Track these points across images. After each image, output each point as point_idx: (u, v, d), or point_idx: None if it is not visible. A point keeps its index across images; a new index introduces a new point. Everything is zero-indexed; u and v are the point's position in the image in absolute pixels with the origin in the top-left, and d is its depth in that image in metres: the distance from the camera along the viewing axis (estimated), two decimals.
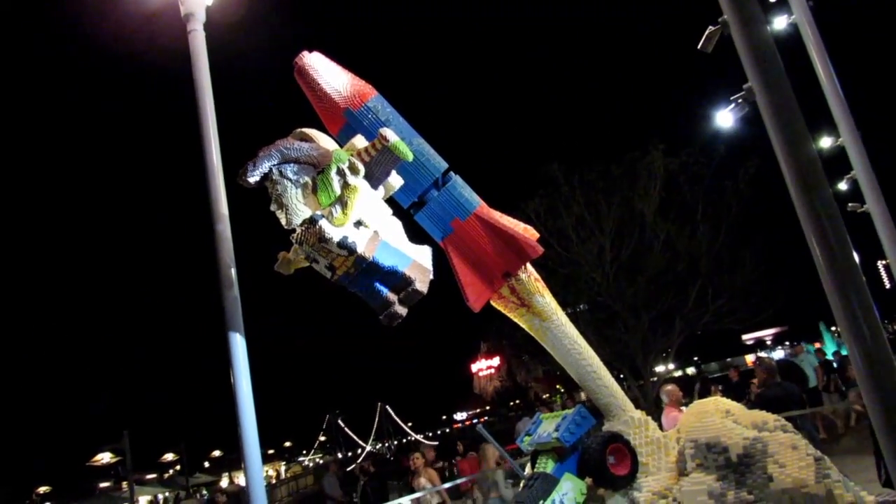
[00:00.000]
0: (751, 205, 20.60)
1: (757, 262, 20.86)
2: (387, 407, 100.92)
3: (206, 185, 6.06)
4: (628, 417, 6.19)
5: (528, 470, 6.23)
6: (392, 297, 5.79)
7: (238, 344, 6.39)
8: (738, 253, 20.54)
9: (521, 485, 5.97)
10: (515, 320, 6.54)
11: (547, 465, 5.91)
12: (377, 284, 5.77)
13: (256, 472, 6.10)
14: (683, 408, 7.84)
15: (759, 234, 21.25)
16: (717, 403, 6.45)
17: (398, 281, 5.74)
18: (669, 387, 8.65)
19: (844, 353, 20.02)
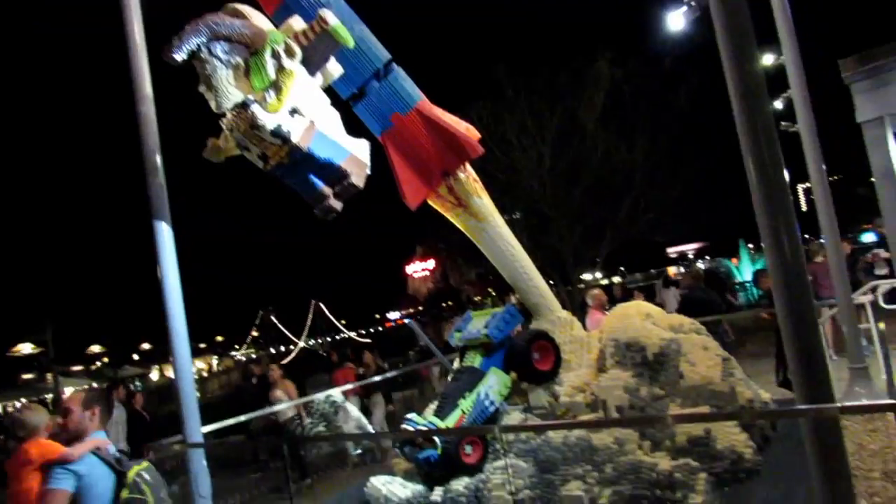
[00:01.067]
0: (689, 122, 20.94)
1: (689, 178, 21.43)
2: (320, 304, 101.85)
3: (128, 63, 5.59)
4: (555, 317, 6.43)
5: (456, 364, 6.45)
6: (327, 190, 5.65)
7: (164, 234, 6.15)
8: (672, 168, 21.04)
9: (449, 378, 6.19)
10: (452, 220, 6.55)
11: (474, 360, 6.12)
12: (312, 177, 5.61)
13: (185, 366, 6.07)
14: (606, 311, 8.20)
15: (694, 152, 21.75)
16: (639, 307, 6.77)
17: (334, 174, 5.60)
18: (595, 291, 9.02)
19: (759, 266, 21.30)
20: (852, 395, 6.59)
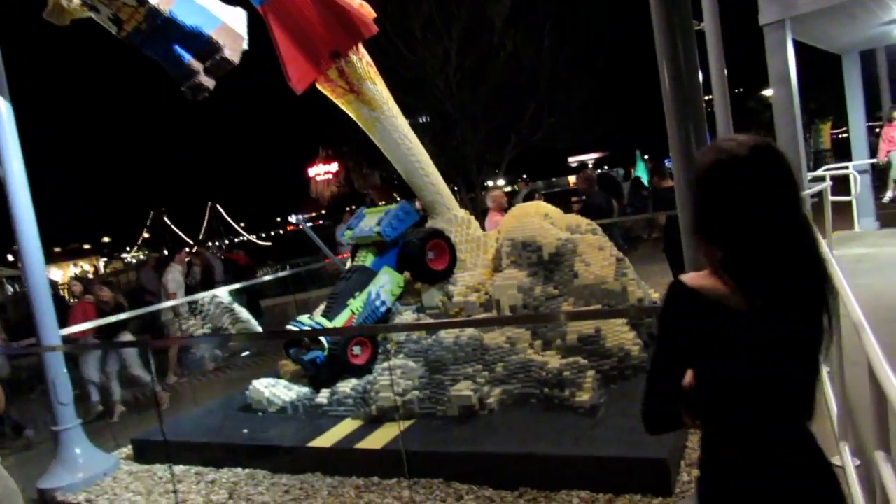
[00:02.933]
0: (597, 26, 20.64)
1: (593, 86, 21.40)
2: (217, 206, 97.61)
3: None
4: (452, 216, 6.16)
5: (348, 264, 6.10)
6: (196, 65, 4.94)
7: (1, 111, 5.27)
8: (578, 74, 20.86)
9: (340, 277, 5.85)
10: (344, 108, 5.99)
11: (366, 259, 5.79)
12: (177, 48, 4.86)
13: (36, 264, 5.37)
14: (506, 213, 8.02)
15: (600, 58, 21.59)
16: (538, 207, 6.60)
17: (203, 46, 4.88)
18: (495, 192, 8.81)
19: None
20: None
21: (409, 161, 5.90)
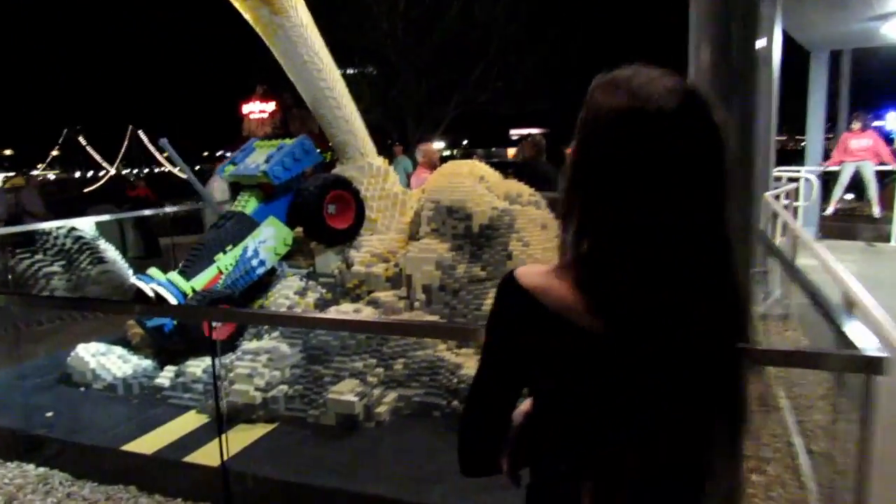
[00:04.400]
0: None
1: (545, 53, 20.36)
2: (139, 132, 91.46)
3: None
4: (365, 164, 4.93)
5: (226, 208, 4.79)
6: None
7: None
8: (531, 38, 19.76)
9: (209, 224, 4.55)
10: (242, 13, 4.59)
11: (247, 205, 4.51)
12: None
13: None
14: None
15: (554, 28, 20.50)
16: (474, 167, 5.45)
17: None
18: (427, 146, 7.59)
19: None
20: None
21: (317, 86, 4.60)
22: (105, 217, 7.33)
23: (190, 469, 3.17)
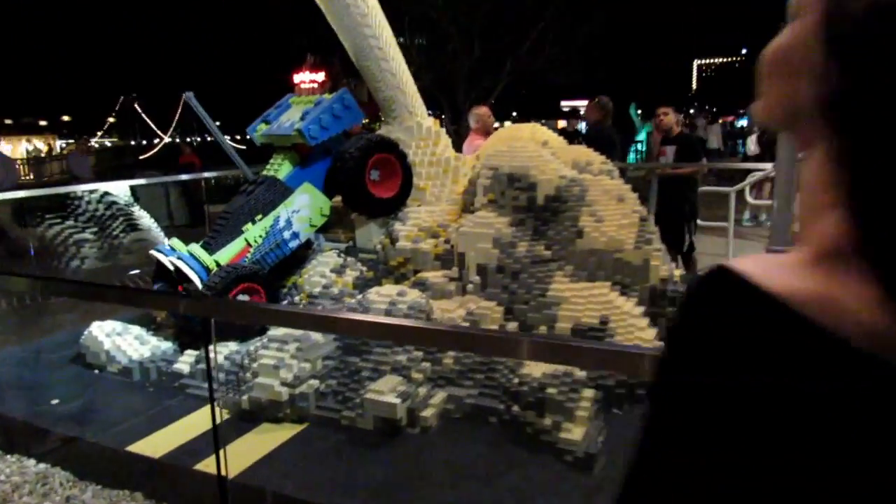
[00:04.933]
0: None
1: (602, 21, 19.29)
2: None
3: None
4: (414, 123, 4.32)
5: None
6: None
7: None
8: (589, 5, 18.67)
9: (239, 190, 4.03)
10: None
11: (280, 169, 3.97)
12: None
13: None
14: None
15: None
16: (535, 130, 4.81)
17: None
18: (482, 109, 6.90)
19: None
20: None
21: (361, 33, 3.99)
22: (140, 181, 6.94)
23: (202, 478, 2.68)
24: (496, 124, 7.25)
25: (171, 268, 3.59)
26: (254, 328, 3.55)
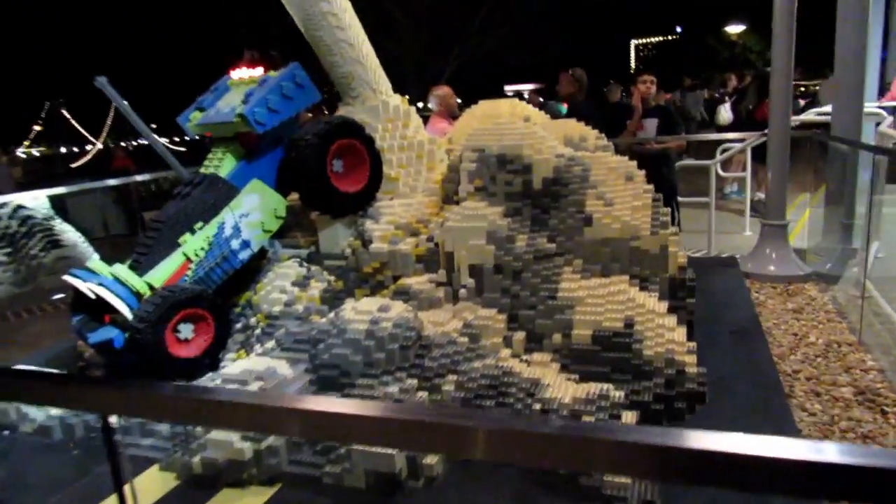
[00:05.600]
0: None
1: (552, 3, 18.94)
2: (125, 102, 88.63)
3: None
4: (379, 102, 3.68)
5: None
6: None
7: None
8: None
9: (173, 194, 3.32)
10: None
11: (222, 164, 3.28)
12: None
13: None
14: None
15: None
16: (515, 106, 4.24)
17: None
18: (443, 89, 6.27)
19: None
20: None
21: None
22: (59, 189, 6.05)
23: None
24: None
25: (92, 295, 2.87)
26: (198, 367, 2.87)
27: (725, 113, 9.71)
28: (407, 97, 3.90)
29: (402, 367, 2.64)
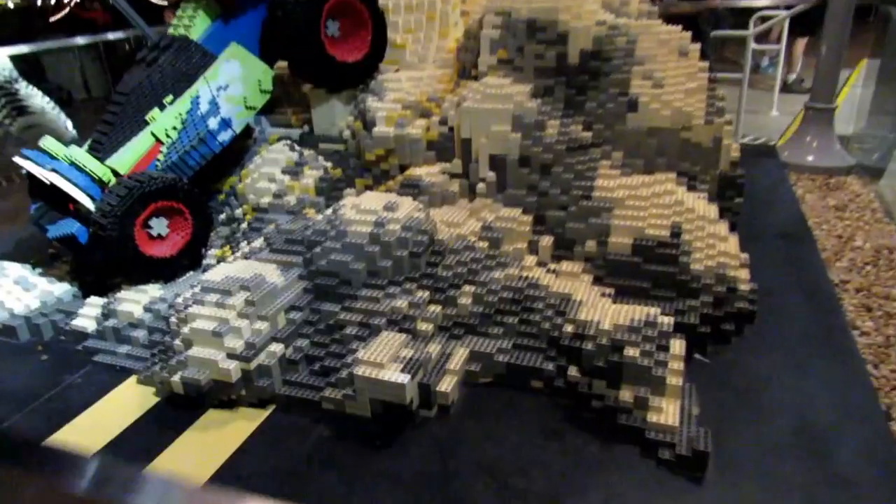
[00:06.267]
0: None
1: None
2: None
3: None
4: None
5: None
6: None
7: None
8: None
9: (136, 59, 2.78)
10: None
11: (194, 25, 2.72)
12: None
13: None
14: None
15: None
16: None
17: None
18: None
19: None
20: None
21: None
22: (21, 48, 5.39)
23: None
24: None
25: (47, 182, 2.44)
26: (176, 267, 2.50)
27: None
28: None
29: (411, 276, 2.28)
